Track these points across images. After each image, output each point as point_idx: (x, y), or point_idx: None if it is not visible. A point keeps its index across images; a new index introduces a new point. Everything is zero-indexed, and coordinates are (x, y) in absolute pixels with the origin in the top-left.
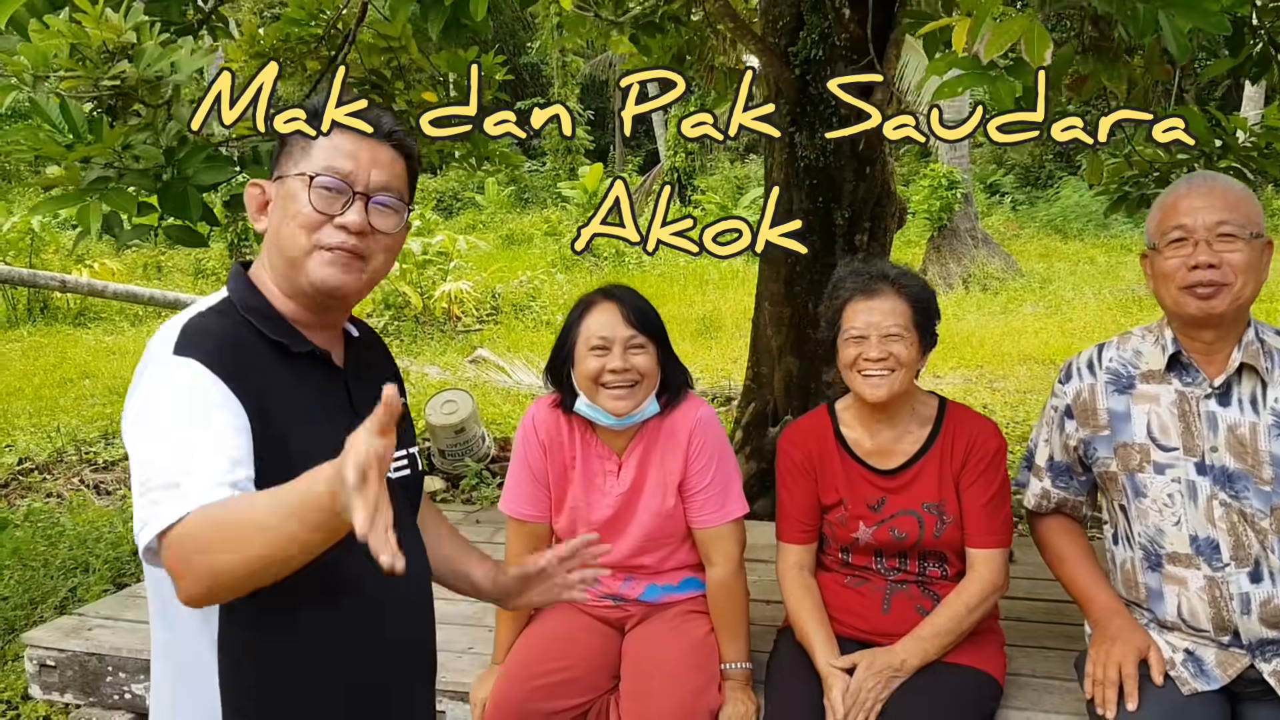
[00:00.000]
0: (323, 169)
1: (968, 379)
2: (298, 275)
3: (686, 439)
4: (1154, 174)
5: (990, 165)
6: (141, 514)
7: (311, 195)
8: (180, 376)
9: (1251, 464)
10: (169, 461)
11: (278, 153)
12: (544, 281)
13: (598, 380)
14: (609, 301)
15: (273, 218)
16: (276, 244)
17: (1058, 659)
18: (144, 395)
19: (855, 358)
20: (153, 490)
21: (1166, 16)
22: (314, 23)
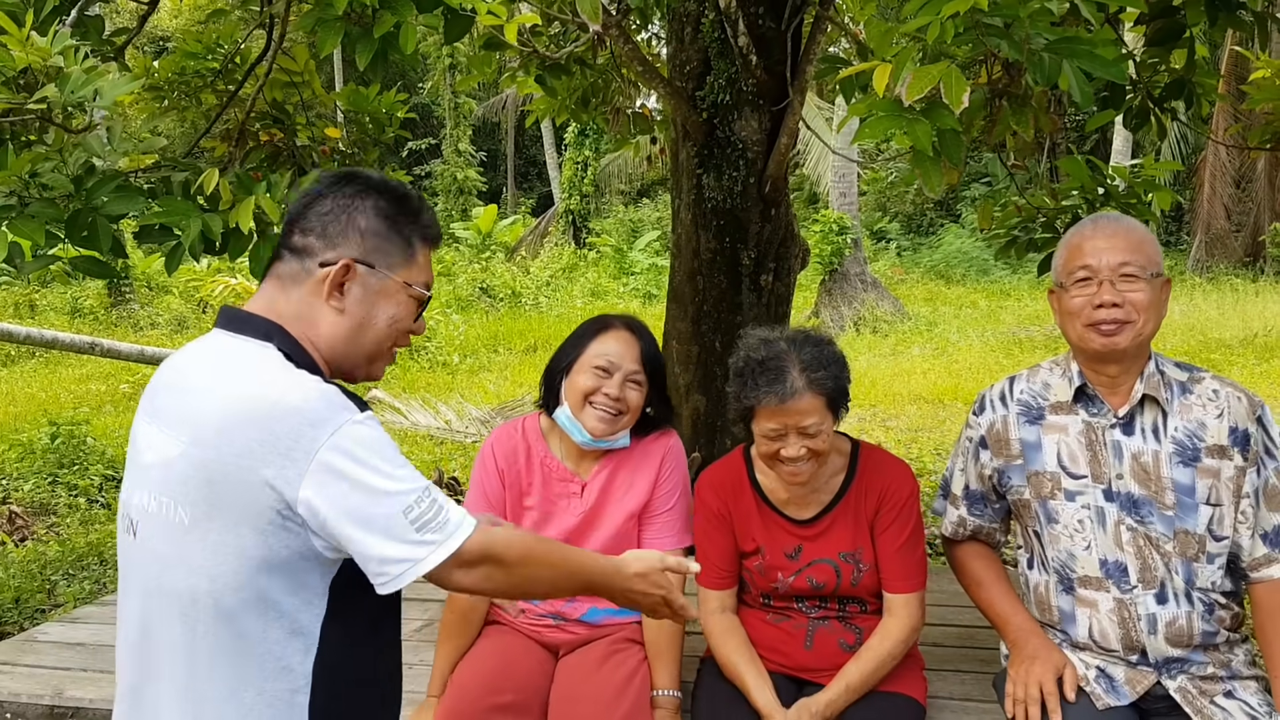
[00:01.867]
0: (426, 284)
1: (861, 418)
2: (367, 365)
3: (659, 463)
4: (1041, 220)
5: (876, 212)
6: (432, 535)
7: (420, 313)
8: (379, 427)
9: (1155, 490)
10: (421, 489)
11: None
12: (439, 322)
13: (588, 398)
14: (627, 331)
15: (360, 308)
16: (359, 332)
17: (973, 681)
18: (361, 451)
19: (775, 452)
20: (429, 520)
21: (1070, 65)
22: (211, 56)
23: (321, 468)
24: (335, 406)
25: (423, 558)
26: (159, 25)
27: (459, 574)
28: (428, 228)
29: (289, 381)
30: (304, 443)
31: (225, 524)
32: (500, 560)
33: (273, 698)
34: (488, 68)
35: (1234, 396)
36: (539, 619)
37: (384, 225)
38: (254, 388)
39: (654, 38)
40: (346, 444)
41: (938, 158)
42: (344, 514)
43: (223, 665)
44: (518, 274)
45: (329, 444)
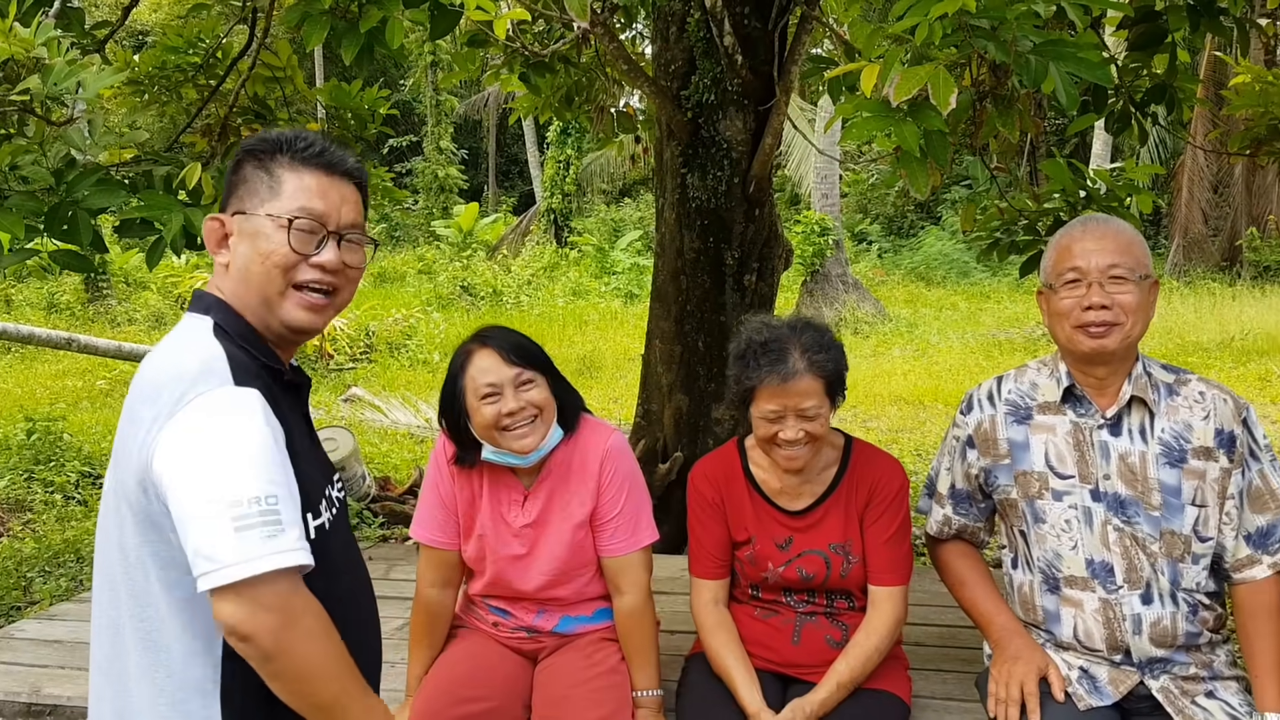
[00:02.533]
0: (297, 210)
1: (843, 419)
2: (269, 313)
3: (598, 468)
4: (1023, 222)
5: (857, 214)
6: (244, 548)
7: (291, 237)
8: (248, 406)
9: (1141, 491)
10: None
11: (233, 185)
12: (420, 320)
13: (498, 426)
14: (485, 347)
15: (238, 253)
16: (245, 281)
17: (955, 681)
18: (210, 425)
19: (773, 435)
20: (251, 527)
21: (1056, 68)
22: (192, 51)
23: (173, 431)
24: (212, 373)
25: (229, 564)
26: (139, 19)
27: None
28: (301, 151)
29: (187, 346)
30: (171, 405)
31: (124, 494)
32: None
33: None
34: (471, 65)
35: (1220, 399)
36: (514, 632)
37: (253, 169)
38: (160, 354)
39: (639, 36)
40: (202, 412)
41: (924, 159)
42: (176, 485)
43: (140, 643)
44: (499, 272)
45: (188, 407)
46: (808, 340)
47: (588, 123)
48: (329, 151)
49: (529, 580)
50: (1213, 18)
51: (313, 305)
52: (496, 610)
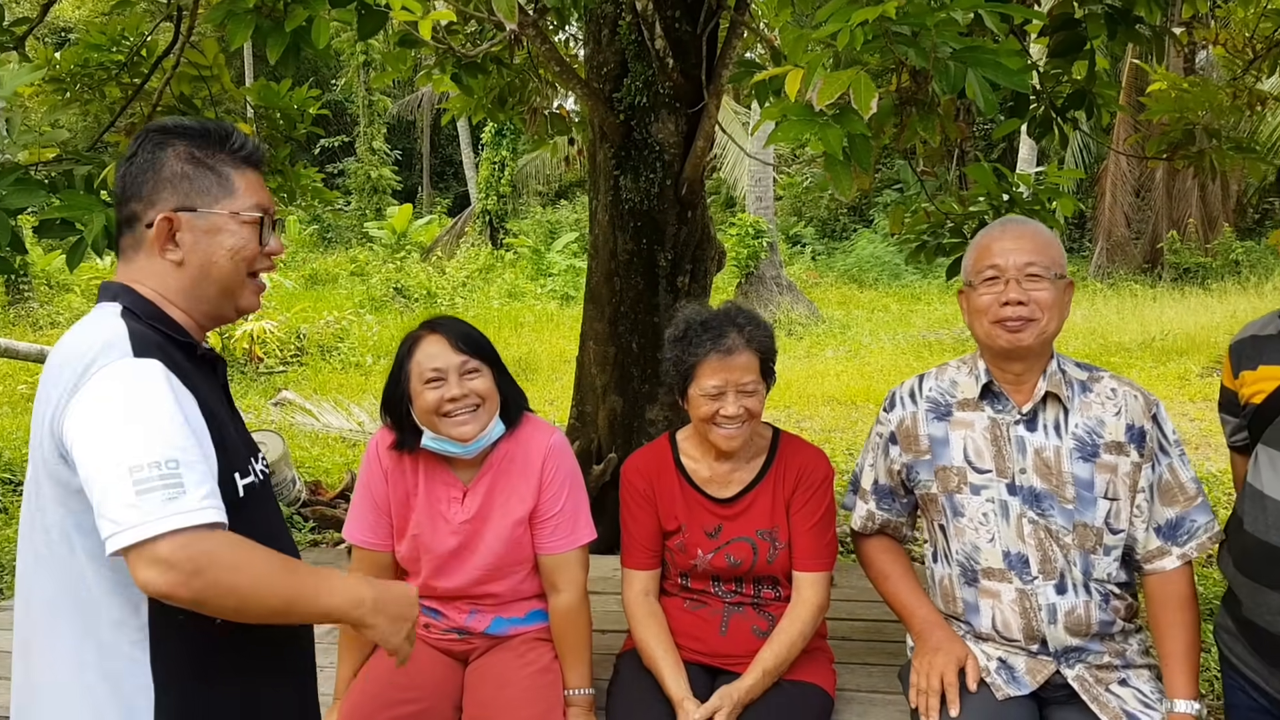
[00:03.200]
0: (255, 207)
1: (777, 419)
2: (228, 302)
3: (540, 466)
4: (949, 225)
5: (791, 217)
6: (144, 509)
7: (264, 233)
8: (149, 375)
9: (1056, 484)
10: (161, 461)
11: (167, 180)
12: (352, 322)
13: (439, 411)
14: (435, 333)
15: (198, 250)
16: (205, 275)
17: (880, 673)
18: (111, 394)
19: (713, 414)
20: (152, 490)
21: (975, 74)
22: (115, 48)
23: (78, 402)
24: (111, 348)
25: (128, 526)
26: (61, 16)
27: (148, 570)
28: (239, 151)
29: (90, 328)
30: (75, 379)
31: (43, 470)
32: (201, 568)
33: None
34: (403, 65)
35: (1131, 395)
36: (444, 634)
37: (190, 166)
38: (64, 342)
39: (572, 39)
40: (104, 381)
41: (848, 162)
42: (82, 452)
43: (69, 614)
44: (433, 274)
45: (92, 379)
46: (743, 319)
47: (522, 124)
48: (257, 151)
49: (464, 575)
50: (1130, 26)
51: (260, 288)
52: (428, 611)
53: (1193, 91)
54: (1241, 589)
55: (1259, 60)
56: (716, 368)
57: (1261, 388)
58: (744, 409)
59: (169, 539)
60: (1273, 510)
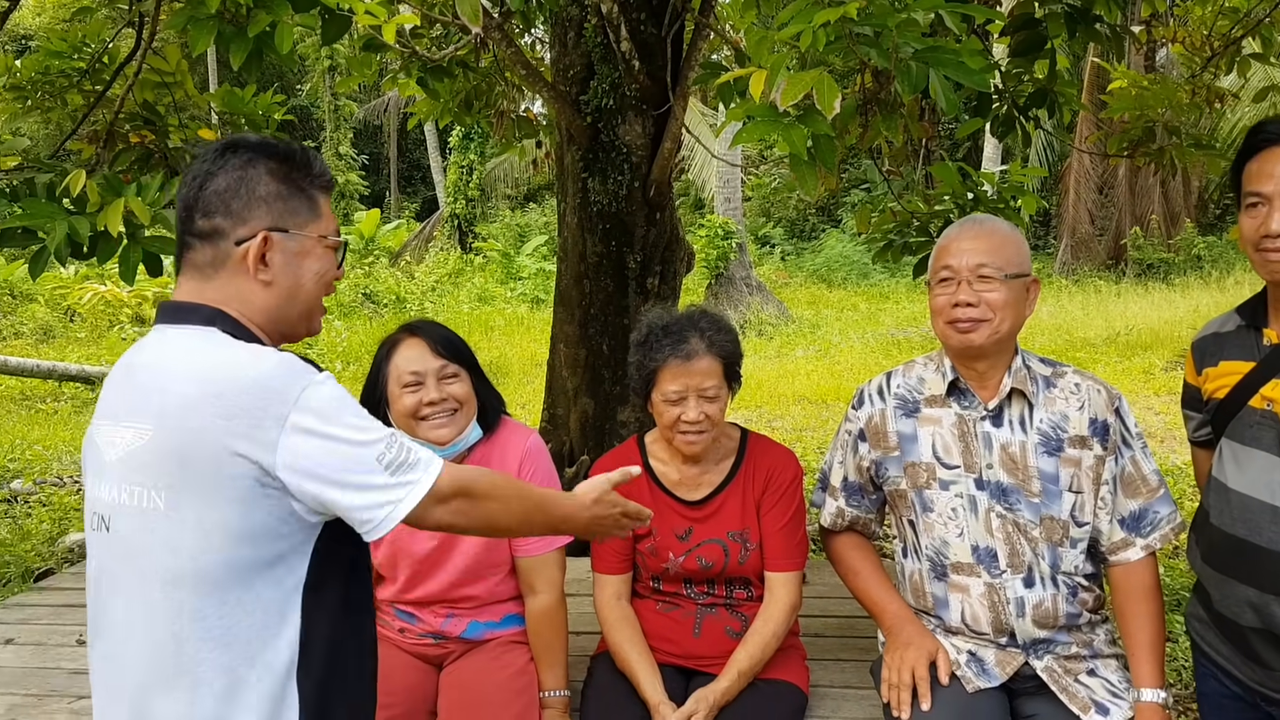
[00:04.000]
0: (335, 232)
1: (748, 419)
2: (305, 325)
3: (517, 467)
4: (915, 224)
5: (760, 218)
6: (407, 478)
7: (340, 259)
8: (338, 385)
9: (1022, 479)
10: (387, 439)
11: (260, 199)
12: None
13: (416, 415)
14: (414, 337)
15: (287, 272)
16: (291, 297)
17: (853, 669)
18: (331, 411)
19: (675, 419)
20: (398, 464)
21: (936, 74)
22: (77, 55)
23: (294, 431)
24: (295, 372)
25: (402, 498)
26: (21, 23)
27: (437, 510)
28: (322, 176)
29: (244, 355)
30: (273, 410)
31: (204, 501)
32: (471, 493)
33: (264, 671)
34: (368, 69)
35: (1094, 389)
36: (420, 639)
37: (284, 187)
38: (211, 366)
39: (538, 42)
40: (313, 405)
41: (813, 162)
42: (323, 472)
43: (211, 647)
44: (402, 279)
45: (297, 408)
46: (706, 324)
47: (489, 127)
48: (332, 178)
49: (442, 579)
50: (1090, 25)
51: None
52: (404, 615)
53: (1152, 89)
54: (1210, 581)
55: (1216, 58)
56: (677, 372)
57: (1224, 383)
58: (705, 415)
59: (441, 481)
60: (1237, 503)
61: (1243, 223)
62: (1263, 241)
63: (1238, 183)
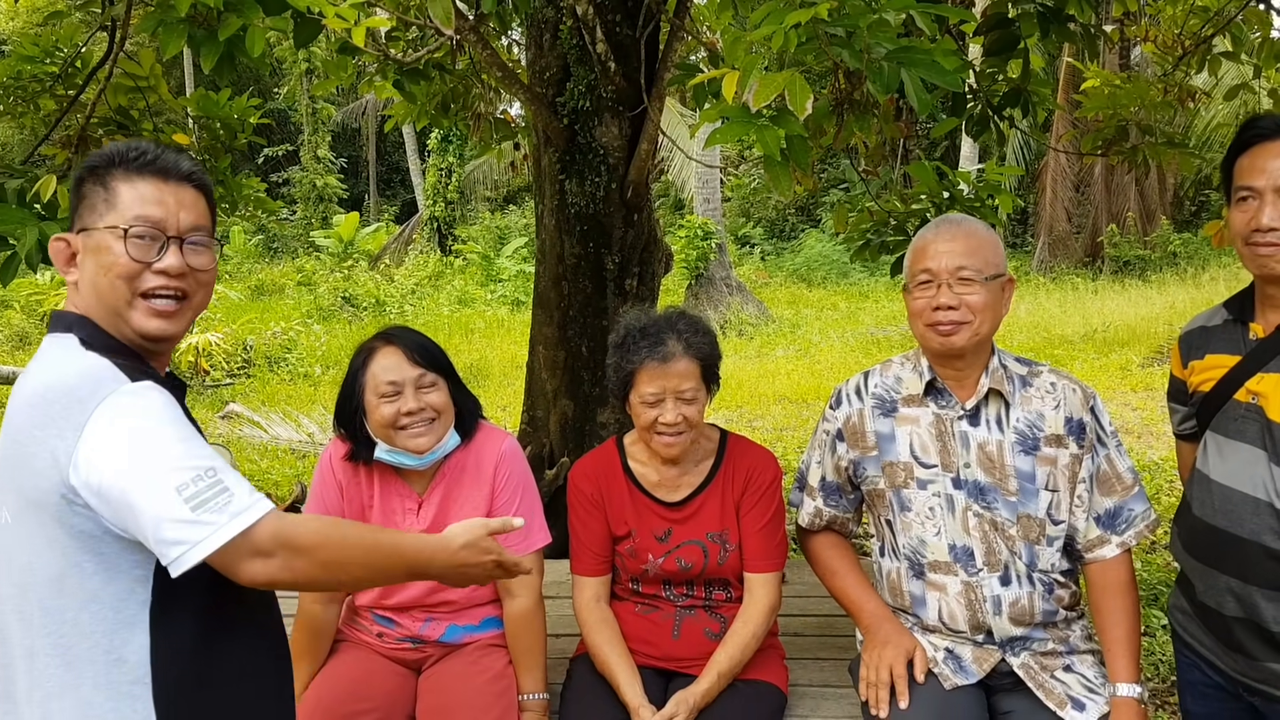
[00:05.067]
0: (134, 219)
1: (729, 419)
2: (121, 324)
3: (492, 471)
4: (892, 223)
5: (740, 218)
6: (208, 521)
7: (128, 246)
8: (152, 396)
9: (999, 477)
10: (200, 472)
11: (75, 204)
12: (299, 333)
13: (395, 425)
14: (390, 345)
15: (85, 270)
16: (95, 295)
17: (831, 668)
18: (126, 425)
19: (652, 421)
20: (205, 501)
21: (908, 74)
22: (49, 60)
23: (89, 441)
24: (100, 380)
25: (198, 540)
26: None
27: (255, 564)
28: (134, 160)
29: (61, 362)
30: (73, 417)
31: (35, 515)
32: (298, 546)
33: (110, 690)
34: (344, 72)
35: (1069, 388)
36: (398, 643)
37: (90, 186)
38: (35, 375)
39: (514, 44)
40: (111, 414)
41: (786, 163)
42: (115, 488)
43: (59, 661)
44: (381, 282)
45: (95, 415)
46: (683, 325)
47: (466, 130)
48: (162, 158)
49: (421, 585)
50: (1062, 24)
51: (162, 312)
52: (382, 620)
53: (1125, 88)
54: (1193, 572)
55: (1188, 56)
56: (654, 374)
57: (1210, 376)
58: (682, 416)
59: (259, 529)
60: (1219, 495)
61: (1233, 217)
62: (1253, 235)
63: (1228, 177)
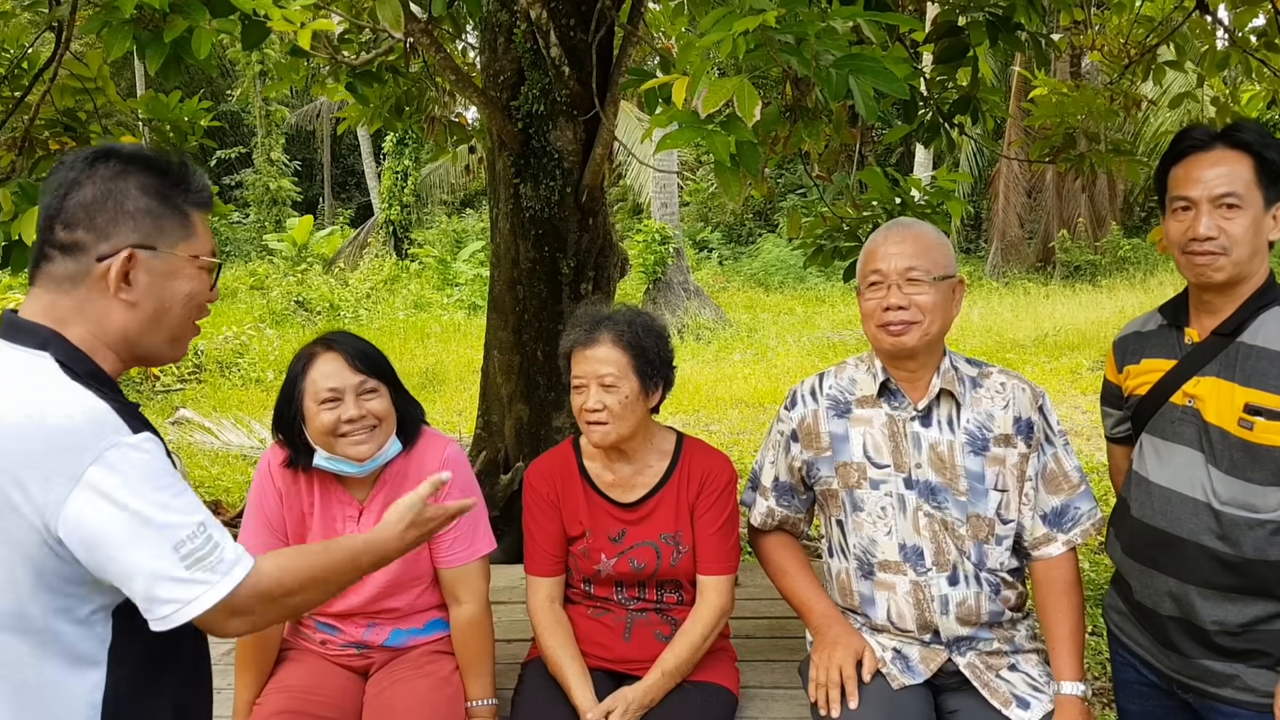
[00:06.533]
0: (212, 253)
1: (686, 423)
2: (170, 349)
3: None
4: (844, 229)
5: (698, 223)
6: (202, 578)
7: (215, 281)
8: (152, 451)
9: (950, 478)
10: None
11: (127, 214)
12: (252, 337)
13: (334, 432)
14: (330, 351)
15: (153, 295)
16: (157, 320)
17: (782, 670)
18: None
19: (579, 407)
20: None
21: (856, 81)
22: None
23: (84, 493)
24: (103, 428)
25: (193, 598)
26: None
27: (232, 622)
28: (200, 193)
29: (54, 399)
30: (67, 467)
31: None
32: (273, 597)
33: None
34: (295, 74)
35: (1018, 388)
36: (342, 649)
37: (155, 203)
38: (16, 405)
39: (468, 47)
40: (115, 467)
41: (737, 168)
42: (108, 544)
43: (8, 698)
44: (336, 286)
45: (94, 467)
46: (620, 318)
47: (421, 133)
48: (211, 195)
49: (361, 593)
50: (1011, 33)
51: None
52: (324, 627)
53: (1072, 96)
54: (1130, 573)
55: (1134, 65)
56: (580, 359)
57: (1145, 380)
58: (603, 404)
59: (239, 590)
60: (1158, 496)
61: (1168, 226)
62: (1190, 245)
63: (1162, 187)
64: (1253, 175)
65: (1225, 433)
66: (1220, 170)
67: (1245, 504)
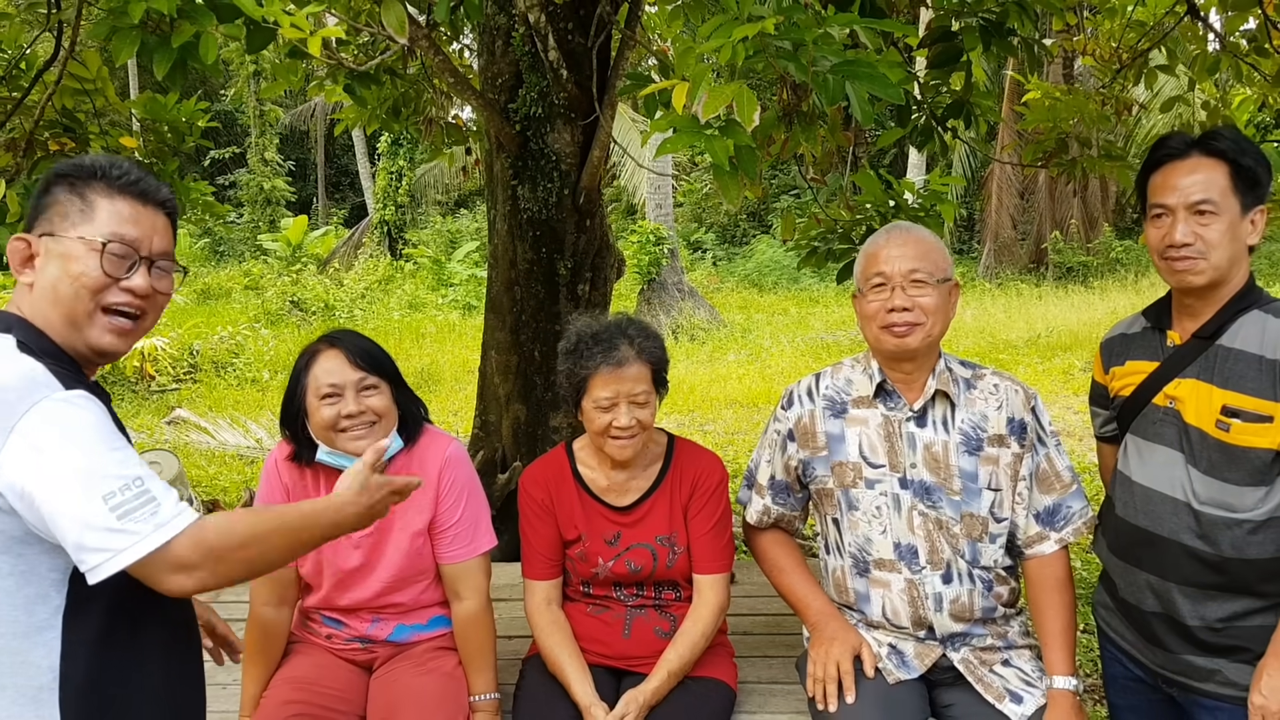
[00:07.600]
0: (111, 235)
1: (680, 424)
2: (75, 334)
3: (437, 476)
4: (838, 231)
5: (692, 224)
6: (133, 530)
7: (104, 260)
8: (85, 404)
9: (944, 477)
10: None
11: (42, 206)
12: (247, 337)
13: (335, 427)
14: (333, 348)
15: (46, 274)
16: (52, 301)
17: (780, 665)
18: (56, 431)
19: (606, 426)
20: (131, 510)
21: (852, 86)
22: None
23: (17, 444)
24: (34, 384)
25: (121, 549)
26: None
27: (176, 577)
28: (117, 179)
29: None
30: (2, 419)
31: None
32: (220, 552)
33: (16, 693)
34: (293, 76)
35: (1012, 390)
36: (348, 644)
37: (63, 193)
38: None
39: (466, 49)
40: (42, 420)
41: (735, 172)
42: (39, 492)
43: None
44: (330, 286)
45: (24, 418)
46: (634, 330)
47: (417, 134)
48: (144, 180)
49: (367, 589)
50: (1004, 38)
51: (119, 329)
52: (330, 622)
53: (1064, 101)
54: (1115, 570)
55: (1125, 69)
56: (608, 379)
57: (1130, 381)
58: (636, 420)
59: (181, 541)
60: (1140, 494)
61: (1148, 232)
62: (1167, 250)
63: (1142, 194)
64: (1228, 182)
65: (1204, 434)
66: (1196, 178)
67: (1223, 504)
